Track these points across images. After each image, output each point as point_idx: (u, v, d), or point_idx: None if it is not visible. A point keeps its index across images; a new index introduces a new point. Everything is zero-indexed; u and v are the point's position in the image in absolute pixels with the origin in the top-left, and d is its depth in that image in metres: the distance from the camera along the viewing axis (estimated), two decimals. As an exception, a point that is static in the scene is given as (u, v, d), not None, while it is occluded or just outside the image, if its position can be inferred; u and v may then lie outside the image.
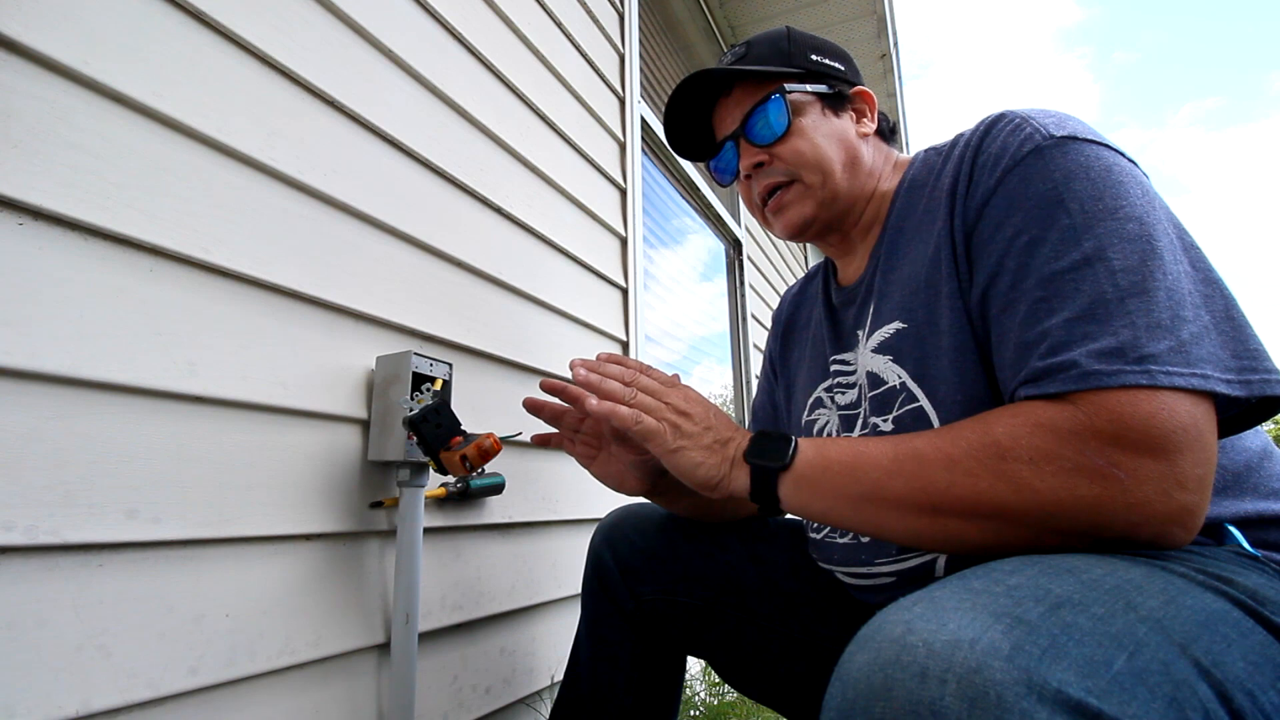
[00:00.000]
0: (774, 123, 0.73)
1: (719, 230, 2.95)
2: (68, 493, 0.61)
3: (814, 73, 0.74)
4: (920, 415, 0.62)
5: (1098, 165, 0.53)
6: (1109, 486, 0.45)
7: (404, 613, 0.86)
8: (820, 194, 0.73)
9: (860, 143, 0.74)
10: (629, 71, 1.92)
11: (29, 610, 0.57)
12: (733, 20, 3.15)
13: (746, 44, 0.77)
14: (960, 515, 0.50)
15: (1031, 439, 0.47)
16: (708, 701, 1.56)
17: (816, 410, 0.79)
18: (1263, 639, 0.42)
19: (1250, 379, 0.47)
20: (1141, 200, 0.52)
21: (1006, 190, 0.56)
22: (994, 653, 0.33)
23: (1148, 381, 0.45)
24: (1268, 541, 0.54)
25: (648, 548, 0.87)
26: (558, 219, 1.44)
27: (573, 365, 0.65)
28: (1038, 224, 0.53)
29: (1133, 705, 0.33)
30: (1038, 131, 0.56)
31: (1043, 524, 0.47)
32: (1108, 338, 0.47)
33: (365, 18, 0.99)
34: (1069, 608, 0.38)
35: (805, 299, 0.90)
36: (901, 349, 0.65)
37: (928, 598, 0.39)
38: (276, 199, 0.84)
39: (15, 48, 0.61)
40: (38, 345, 0.60)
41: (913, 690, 0.33)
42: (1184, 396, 0.45)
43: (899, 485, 0.52)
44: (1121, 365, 0.46)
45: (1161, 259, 0.49)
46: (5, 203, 0.59)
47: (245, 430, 0.76)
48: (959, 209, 0.60)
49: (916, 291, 0.64)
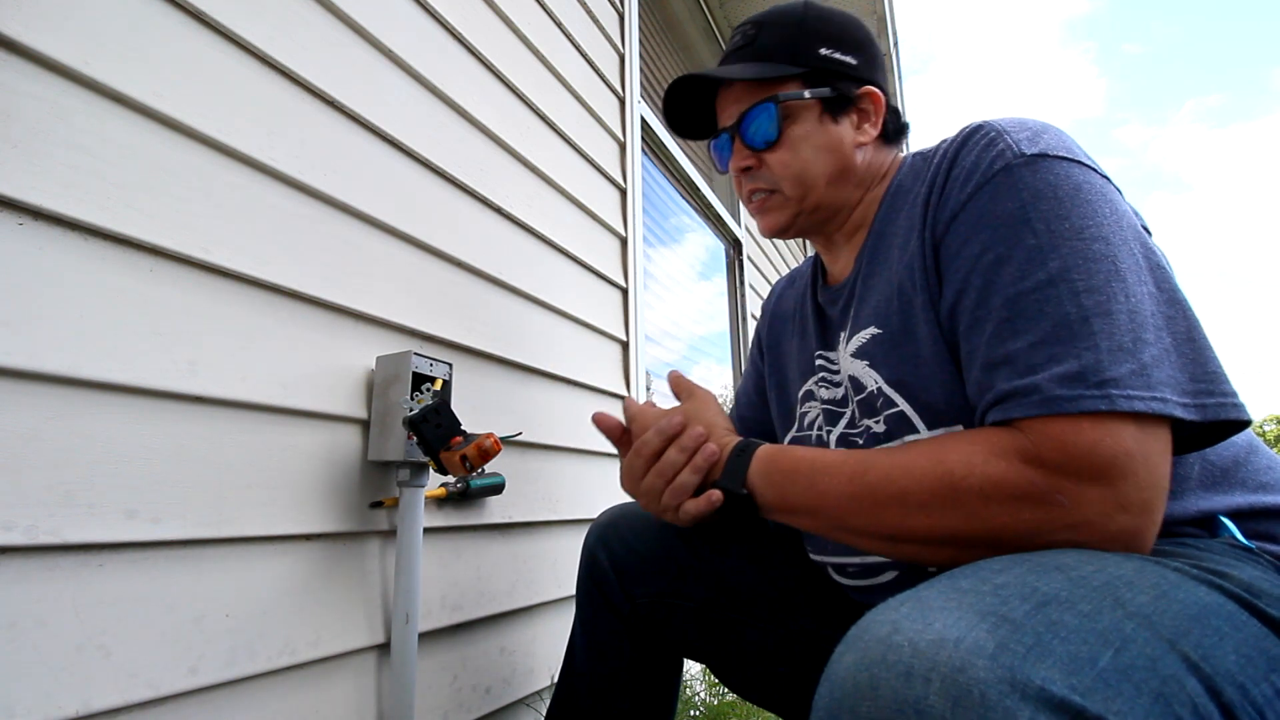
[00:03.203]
0: (765, 131, 0.72)
1: (719, 230, 2.95)
2: (68, 493, 0.61)
3: (820, 71, 0.71)
4: (903, 419, 0.63)
5: (1067, 184, 0.54)
6: (1050, 511, 0.47)
7: (404, 612, 0.86)
8: (798, 206, 0.74)
9: (855, 151, 0.73)
10: (629, 71, 1.92)
11: (29, 610, 0.57)
12: (733, 20, 3.15)
13: (757, 25, 0.74)
14: (916, 543, 0.53)
15: (985, 468, 0.49)
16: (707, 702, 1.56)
17: (807, 403, 0.80)
18: (1257, 631, 0.42)
19: (1206, 402, 0.49)
20: (1110, 219, 0.52)
21: (975, 207, 0.56)
22: (978, 651, 0.34)
23: (1107, 407, 0.46)
24: (1259, 533, 0.54)
25: (643, 548, 0.87)
26: (558, 219, 1.44)
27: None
28: (1004, 242, 0.54)
29: (1117, 702, 0.33)
30: (1010, 149, 0.56)
31: (992, 547, 0.49)
32: (1070, 360, 0.48)
33: (365, 17, 0.99)
34: (1055, 605, 0.38)
35: (794, 290, 0.90)
36: (876, 355, 0.65)
37: (915, 598, 0.39)
38: (276, 199, 0.84)
39: (15, 48, 0.61)
40: (38, 345, 0.60)
41: (898, 689, 0.34)
42: (1133, 423, 0.47)
43: (856, 521, 0.56)
44: (1083, 390, 0.47)
45: (1125, 280, 0.50)
46: (5, 203, 0.59)
47: (245, 430, 0.76)
48: (929, 220, 0.61)
49: (891, 299, 0.64)
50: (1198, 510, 0.54)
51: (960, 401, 0.58)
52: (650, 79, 2.33)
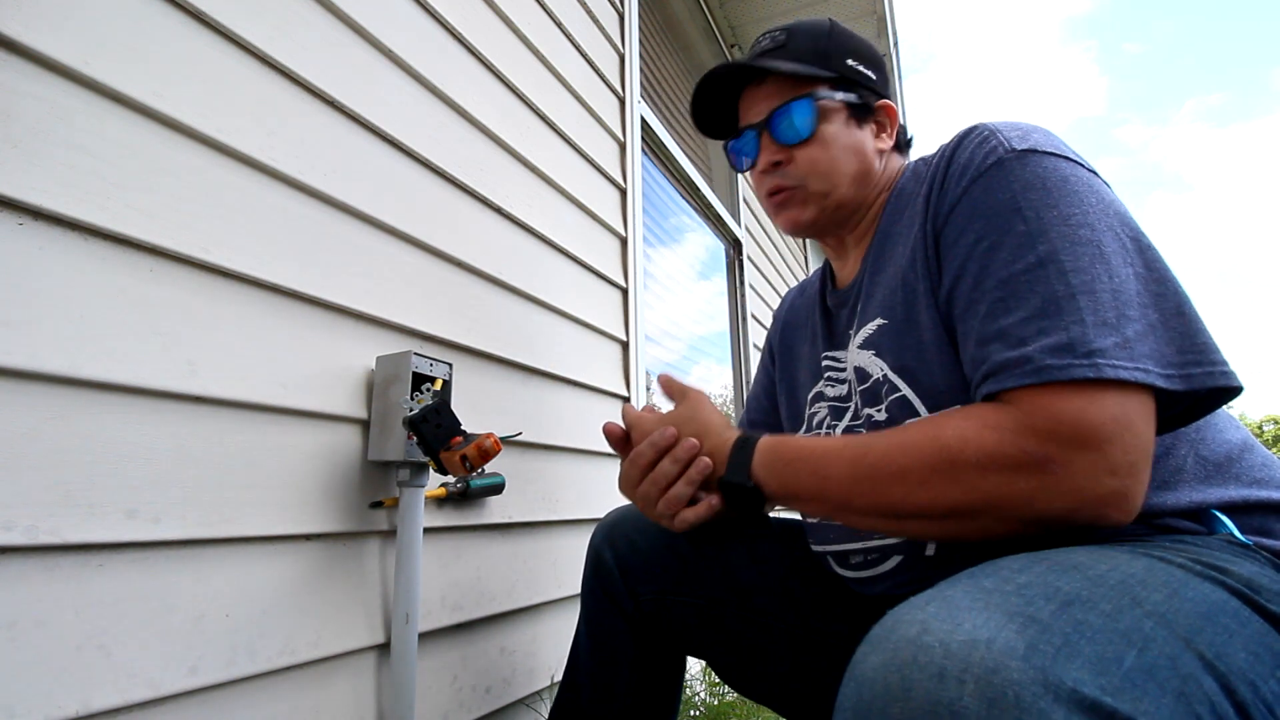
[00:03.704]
0: (800, 126, 0.75)
1: (719, 230, 2.95)
2: (68, 493, 0.61)
3: (847, 79, 0.76)
4: (905, 404, 0.65)
5: (1054, 176, 0.57)
6: (1044, 478, 0.49)
7: (404, 612, 0.86)
8: (823, 203, 0.76)
9: (875, 156, 0.77)
10: (629, 71, 1.92)
11: (29, 610, 0.57)
12: (733, 20, 3.15)
13: (788, 32, 0.78)
14: (918, 518, 0.55)
15: (979, 440, 0.52)
16: (708, 701, 1.56)
17: (816, 404, 0.82)
18: (1260, 628, 0.43)
19: (1192, 372, 0.51)
20: (1095, 207, 0.56)
21: (970, 199, 0.60)
22: (1010, 652, 0.34)
23: (1094, 374, 0.49)
24: (1255, 528, 0.55)
25: (648, 547, 0.87)
26: (558, 219, 1.44)
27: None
28: (996, 230, 0.57)
29: (1144, 702, 0.34)
30: (1001, 145, 0.60)
31: (992, 515, 0.52)
32: (1059, 333, 0.51)
33: (365, 17, 0.99)
34: (1078, 605, 0.38)
35: (805, 298, 0.93)
36: (882, 343, 0.68)
37: (940, 597, 0.39)
38: (276, 199, 0.84)
39: (15, 48, 0.61)
40: (38, 345, 0.60)
41: (931, 691, 0.33)
42: (1116, 390, 0.49)
43: (860, 502, 0.58)
44: (1071, 360, 0.50)
45: (1109, 262, 0.53)
46: (5, 203, 0.59)
47: (245, 430, 0.76)
48: (930, 214, 0.64)
49: (895, 291, 0.68)
50: (1190, 502, 0.55)
51: (959, 384, 0.61)
52: (650, 79, 2.33)
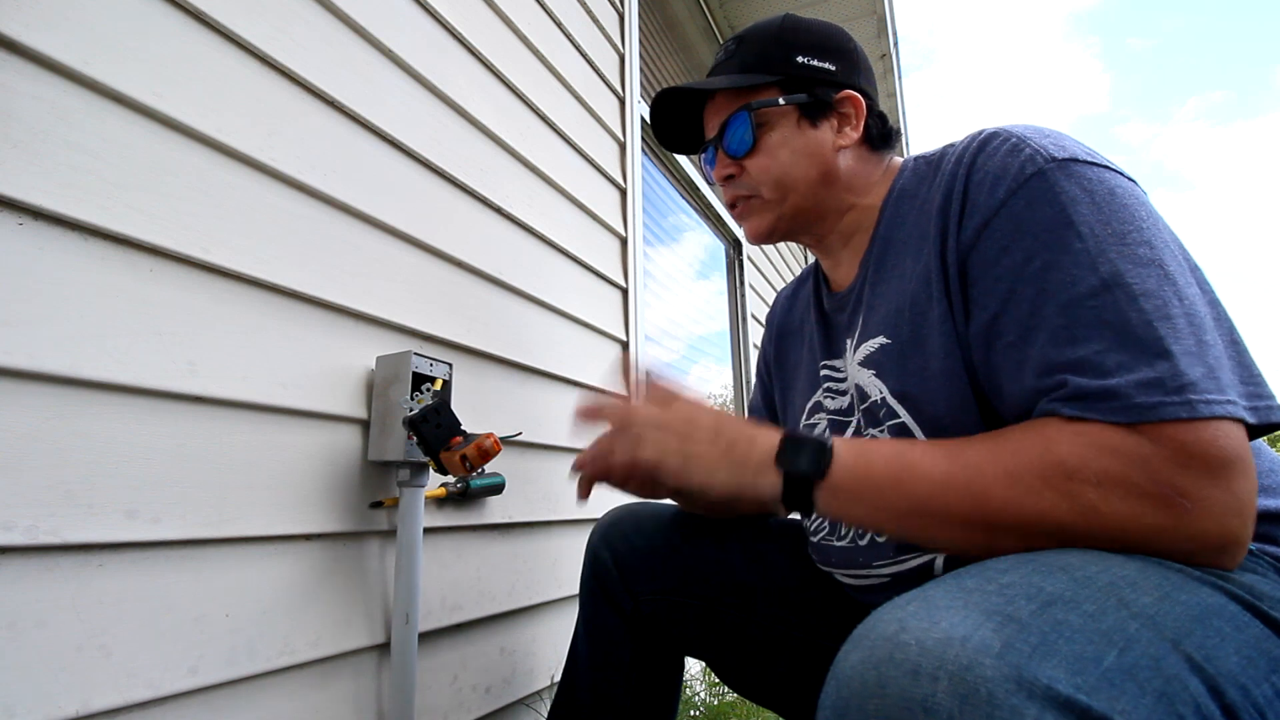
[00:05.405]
0: (741, 138, 0.73)
1: (719, 230, 2.95)
2: (68, 493, 0.61)
3: (796, 78, 0.72)
4: (904, 430, 0.62)
5: (1101, 189, 0.52)
6: (1174, 515, 0.44)
7: (404, 613, 0.86)
8: (780, 209, 0.74)
9: (837, 155, 0.72)
10: (629, 71, 1.92)
11: (29, 610, 0.57)
12: (733, 20, 3.14)
13: (739, 40, 0.76)
14: (1015, 532, 0.48)
15: (1099, 461, 0.46)
16: (708, 701, 1.56)
17: (815, 415, 0.80)
18: (1259, 633, 0.42)
19: (1258, 405, 0.48)
20: (1148, 222, 0.51)
21: (1011, 213, 0.54)
22: (985, 650, 0.34)
23: (1188, 414, 0.45)
24: (1260, 535, 0.54)
25: (646, 547, 0.87)
26: (558, 219, 1.44)
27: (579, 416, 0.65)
28: (1049, 249, 0.52)
29: (1121, 701, 0.34)
30: (1039, 153, 0.54)
31: (1100, 542, 0.46)
32: (1144, 369, 0.46)
33: (365, 17, 0.99)
34: (1060, 605, 0.38)
35: (798, 302, 0.90)
36: (884, 364, 0.65)
37: (921, 596, 0.39)
38: (276, 199, 0.84)
39: (15, 48, 0.61)
40: (38, 345, 0.60)
41: (905, 687, 0.34)
42: (1227, 423, 0.45)
43: (952, 499, 0.50)
44: (1163, 397, 0.45)
45: (1175, 283, 0.49)
46: (5, 203, 0.59)
47: (245, 430, 0.76)
48: (951, 229, 0.58)
49: (902, 310, 0.63)
50: None
51: (963, 418, 0.57)
52: (650, 79, 2.33)
